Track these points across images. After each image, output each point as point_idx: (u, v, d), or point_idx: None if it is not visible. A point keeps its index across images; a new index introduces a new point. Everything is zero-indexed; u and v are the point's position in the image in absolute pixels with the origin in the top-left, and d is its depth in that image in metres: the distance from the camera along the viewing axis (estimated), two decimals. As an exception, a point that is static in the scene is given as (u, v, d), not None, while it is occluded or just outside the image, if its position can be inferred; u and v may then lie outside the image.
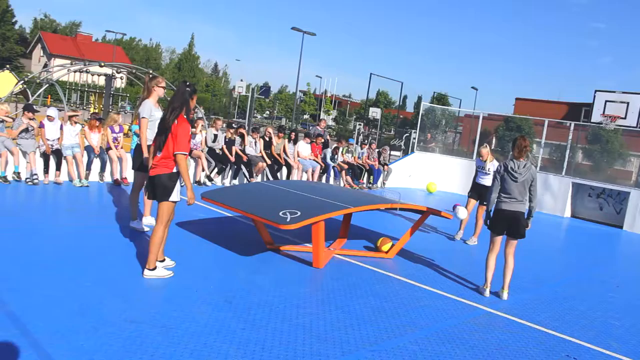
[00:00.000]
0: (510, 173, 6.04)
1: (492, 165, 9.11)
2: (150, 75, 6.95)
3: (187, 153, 5.24)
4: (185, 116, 5.27)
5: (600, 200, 15.29)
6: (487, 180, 9.13)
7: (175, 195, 5.30)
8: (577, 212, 15.59)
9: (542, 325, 5.49)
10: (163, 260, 5.65)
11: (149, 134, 6.58)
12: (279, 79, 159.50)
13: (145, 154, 6.54)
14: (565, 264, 8.95)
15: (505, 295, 6.19)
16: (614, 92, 16.88)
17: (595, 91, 17.18)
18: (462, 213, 8.27)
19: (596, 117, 16.97)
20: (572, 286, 7.30)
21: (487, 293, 6.21)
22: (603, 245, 11.60)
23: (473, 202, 9.26)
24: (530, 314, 5.78)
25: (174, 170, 5.27)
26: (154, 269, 5.35)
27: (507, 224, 6.12)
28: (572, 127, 16.44)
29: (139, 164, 6.88)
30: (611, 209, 15.13)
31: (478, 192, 9.23)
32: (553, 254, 9.81)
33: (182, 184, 5.39)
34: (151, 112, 6.63)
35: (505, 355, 4.59)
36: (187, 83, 5.41)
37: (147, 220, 7.24)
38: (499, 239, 6.24)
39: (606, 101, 16.75)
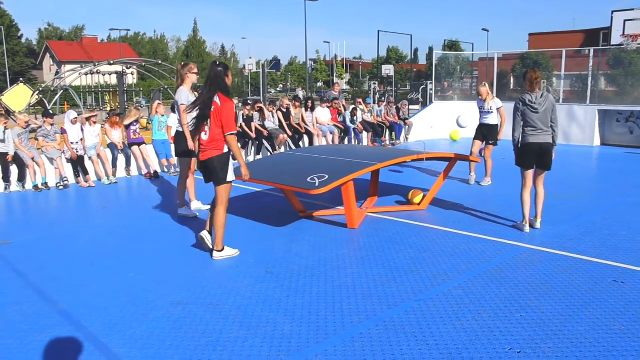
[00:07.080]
0: (530, 106, 6.00)
1: (493, 103, 9.04)
2: (182, 64, 7.05)
3: (235, 132, 5.30)
4: (225, 95, 5.28)
5: (629, 124, 14.92)
6: (490, 119, 9.09)
7: (230, 176, 5.39)
8: (606, 139, 15.26)
9: (585, 254, 5.44)
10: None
11: (189, 119, 6.61)
12: (287, 51, 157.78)
13: (190, 141, 6.44)
14: (601, 191, 8.79)
15: (538, 224, 6.29)
16: (632, 9, 16.30)
17: (613, 12, 16.66)
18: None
19: (616, 39, 16.49)
20: (610, 213, 7.18)
21: (526, 229, 6.21)
22: (638, 169, 11.34)
23: (478, 144, 9.17)
24: (572, 245, 5.72)
25: (225, 150, 5.34)
26: (222, 250, 5.48)
27: (537, 157, 6.10)
28: (591, 54, 15.97)
29: (182, 151, 7.01)
30: (642, 131, 14.76)
31: (482, 132, 9.18)
32: (587, 184, 9.65)
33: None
34: (188, 98, 6.66)
35: (551, 288, 4.57)
36: (217, 62, 5.37)
37: (195, 205, 7.41)
38: (530, 173, 6.20)
39: (625, 20, 16.21)
